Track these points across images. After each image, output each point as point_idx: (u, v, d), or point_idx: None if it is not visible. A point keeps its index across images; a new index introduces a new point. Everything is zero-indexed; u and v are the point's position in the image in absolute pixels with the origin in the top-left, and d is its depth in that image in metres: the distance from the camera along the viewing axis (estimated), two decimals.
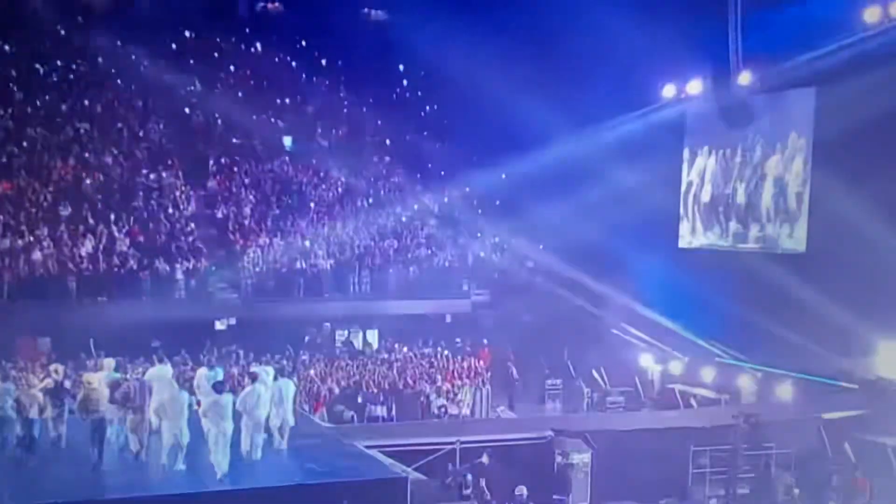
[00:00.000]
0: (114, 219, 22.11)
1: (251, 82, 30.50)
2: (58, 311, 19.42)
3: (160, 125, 26.64)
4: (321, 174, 27.35)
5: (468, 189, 28.45)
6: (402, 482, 11.72)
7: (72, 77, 27.39)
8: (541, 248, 26.01)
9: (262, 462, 12.02)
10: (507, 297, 24.05)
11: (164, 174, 24.56)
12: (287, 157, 27.54)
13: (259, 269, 22.55)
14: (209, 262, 22.15)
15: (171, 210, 23.48)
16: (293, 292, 22.51)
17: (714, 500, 15.08)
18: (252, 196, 25.38)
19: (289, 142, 28.21)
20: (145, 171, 24.37)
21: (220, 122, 27.86)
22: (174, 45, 30.18)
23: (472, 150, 26.81)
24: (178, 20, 29.96)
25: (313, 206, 25.88)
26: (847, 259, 17.96)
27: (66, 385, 12.63)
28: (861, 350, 18.29)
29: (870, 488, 15.01)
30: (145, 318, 19.40)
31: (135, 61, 28.18)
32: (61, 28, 28.82)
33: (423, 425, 17.32)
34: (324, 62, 31.73)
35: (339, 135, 29.79)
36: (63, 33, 28.87)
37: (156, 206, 23.32)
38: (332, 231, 24.85)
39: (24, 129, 24.20)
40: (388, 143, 30.10)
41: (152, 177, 24.28)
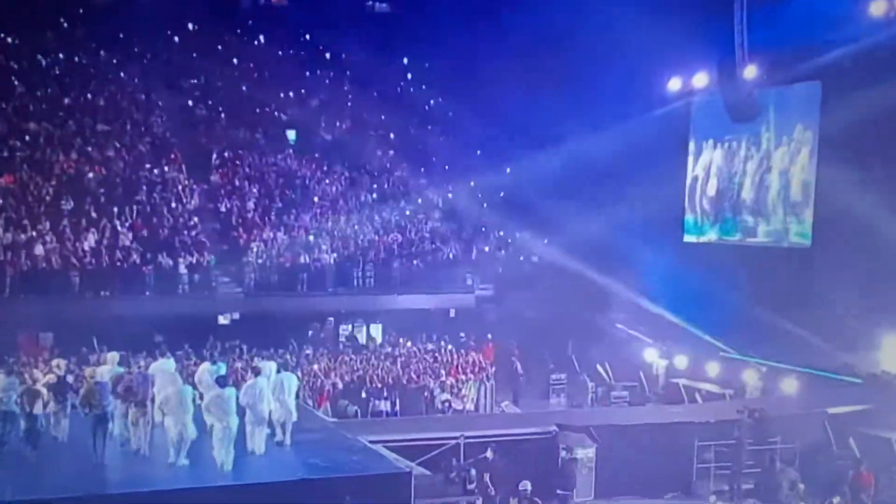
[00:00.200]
0: (116, 213, 22.07)
1: (254, 75, 30.43)
2: (60, 305, 19.38)
3: (163, 119, 26.58)
4: (325, 168, 27.29)
5: (473, 183, 28.39)
6: (405, 477, 11.66)
7: (74, 70, 27.32)
8: (545, 242, 25.95)
9: (266, 457, 11.98)
10: (512, 292, 24.00)
11: (167, 168, 24.52)
12: (291, 150, 27.49)
13: (262, 264, 22.53)
14: (211, 255, 22.12)
15: (174, 204, 23.44)
16: (297, 287, 22.49)
17: (718, 495, 14.98)
18: (255, 190, 25.34)
19: (292, 135, 28.15)
20: (148, 165, 24.32)
21: (223, 115, 27.80)
22: (177, 38, 30.12)
23: (476, 144, 26.74)
24: (181, 13, 29.85)
25: (317, 200, 25.84)
26: (852, 253, 17.87)
27: (69, 380, 12.65)
28: (866, 344, 18.22)
29: (875, 483, 14.92)
30: (148, 312, 19.41)
31: (137, 54, 28.16)
32: (64, 21, 28.76)
33: (427, 420, 17.28)
34: (327, 55, 31.63)
35: (343, 128, 29.72)
36: (66, 26, 28.82)
37: (159, 200, 23.28)
38: (335, 225, 24.83)
39: (27, 122, 24.15)
40: (392, 136, 30.03)
41: (155, 171, 24.24)
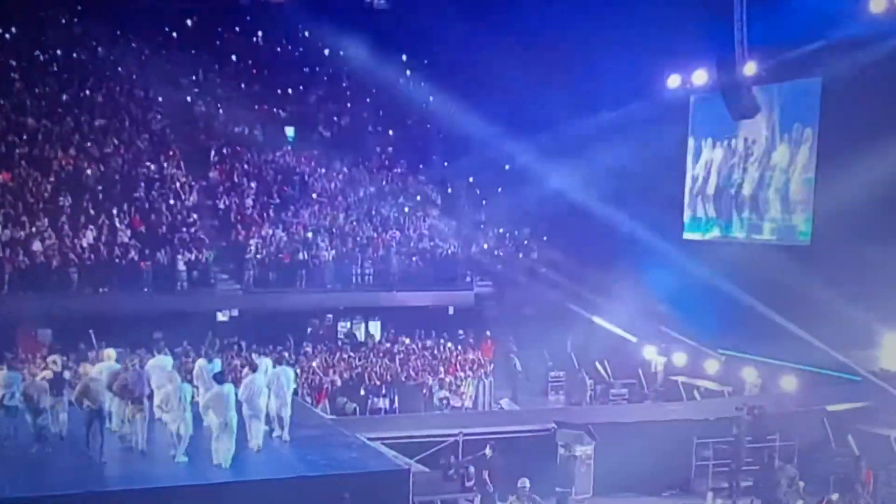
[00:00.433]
0: (115, 210, 22.02)
1: (253, 72, 30.34)
2: (59, 302, 19.32)
3: (161, 115, 26.50)
4: (323, 165, 27.23)
5: (471, 179, 28.33)
6: (404, 474, 11.69)
7: (72, 66, 27.22)
8: (545, 239, 25.92)
9: (265, 454, 11.99)
10: (511, 289, 23.97)
11: (166, 165, 24.46)
12: (289, 147, 27.42)
13: (261, 261, 22.49)
14: (210, 252, 22.08)
15: (172, 201, 23.38)
16: (295, 283, 22.45)
17: (716, 492, 14.98)
18: (254, 187, 25.28)
19: (291, 132, 28.06)
20: (146, 162, 24.25)
21: (221, 112, 27.72)
22: (175, 35, 30.01)
23: (475, 140, 26.66)
24: (179, 9, 29.75)
25: (315, 196, 25.78)
26: (852, 251, 17.83)
27: (66, 376, 12.62)
28: (865, 342, 18.21)
29: (873, 480, 14.94)
30: (147, 309, 19.38)
31: (136, 50, 28.05)
32: (62, 17, 28.65)
33: (426, 417, 17.28)
34: (326, 52, 31.53)
35: (342, 125, 29.65)
36: (63, 22, 28.71)
37: (157, 196, 23.22)
38: (334, 222, 24.78)
39: (25, 118, 24.07)
40: (391, 133, 29.96)
41: (153, 167, 24.17)
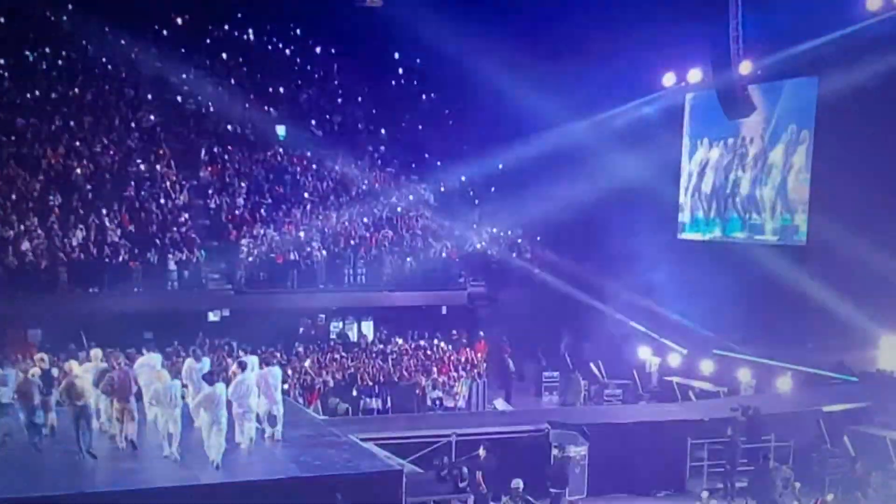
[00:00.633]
0: (105, 209, 21.80)
1: (244, 70, 30.12)
2: (48, 302, 19.13)
3: (151, 114, 26.26)
4: (315, 164, 27.05)
5: (464, 179, 28.21)
6: (397, 475, 11.56)
7: (61, 65, 26.95)
8: (538, 239, 25.82)
9: (257, 455, 11.88)
10: (504, 289, 23.87)
11: (156, 163, 24.24)
12: (280, 146, 27.23)
13: (252, 260, 22.30)
14: (201, 251, 21.89)
15: (162, 200, 23.17)
16: (287, 283, 22.28)
17: (711, 493, 14.89)
18: (245, 186, 25.08)
19: (282, 131, 27.87)
20: (137, 161, 24.03)
21: (212, 110, 27.50)
22: (165, 33, 29.77)
23: (468, 139, 26.57)
24: (169, 7, 29.52)
25: (307, 196, 25.60)
26: (848, 251, 17.77)
27: (54, 373, 12.48)
28: (861, 343, 18.18)
29: (869, 481, 14.86)
30: (137, 309, 19.20)
31: (125, 48, 27.81)
32: (50, 14, 28.37)
33: (419, 418, 17.17)
34: (318, 50, 31.36)
35: (334, 124, 29.48)
36: (53, 20, 28.43)
37: (147, 195, 23.00)
38: (326, 221, 24.61)
39: (13, 117, 23.81)
40: (383, 132, 29.81)
41: (144, 166, 23.95)
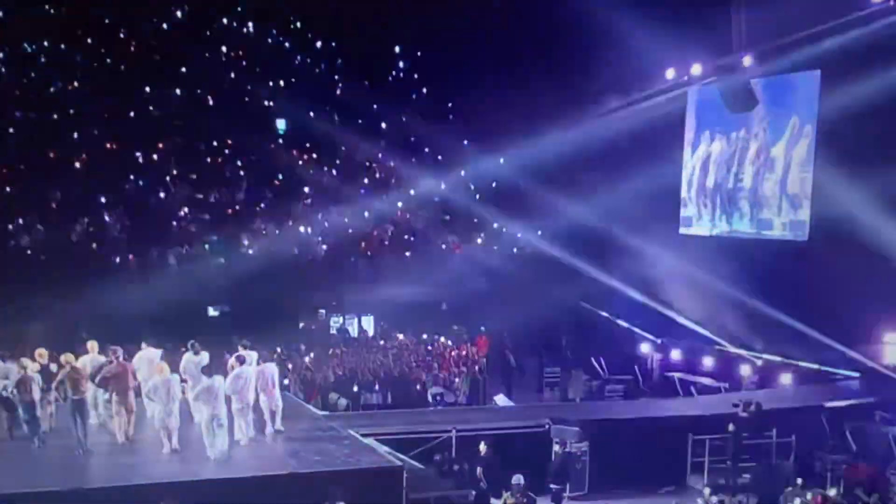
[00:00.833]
0: (105, 203, 21.74)
1: (244, 64, 30.02)
2: (48, 296, 19.08)
3: (151, 107, 26.17)
4: (315, 158, 26.97)
5: (464, 173, 28.12)
6: (397, 471, 11.55)
7: (60, 58, 26.85)
8: (539, 234, 25.74)
9: (257, 450, 11.90)
10: (505, 284, 23.77)
11: (156, 157, 24.18)
12: (280, 140, 27.15)
13: (253, 255, 22.24)
14: (202, 245, 21.85)
15: (162, 194, 23.13)
16: (287, 278, 22.22)
17: (712, 488, 14.87)
18: (245, 180, 25.02)
19: (282, 125, 27.79)
20: (137, 155, 23.96)
21: (212, 104, 27.43)
22: (165, 25, 29.65)
23: (469, 133, 26.45)
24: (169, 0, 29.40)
25: (307, 190, 25.54)
26: (851, 247, 17.67)
27: (53, 368, 12.48)
28: (863, 338, 18.10)
29: (872, 477, 14.81)
30: (137, 304, 19.12)
31: (124, 41, 27.72)
32: (49, 7, 28.25)
33: (420, 414, 17.08)
34: (318, 43, 31.24)
35: (334, 118, 29.38)
36: (51, 12, 28.31)
37: (147, 190, 22.95)
38: (326, 216, 24.54)
39: (13, 111, 23.75)
40: (384, 126, 29.71)
41: (143, 160, 23.89)
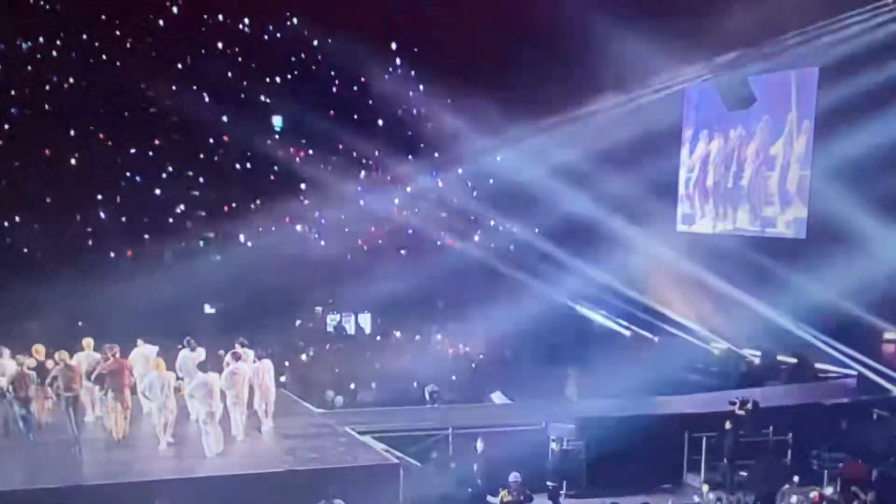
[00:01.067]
0: (100, 199, 21.65)
1: (239, 60, 29.86)
2: (43, 293, 19.01)
3: (146, 104, 26.03)
4: (311, 155, 26.89)
5: (461, 171, 28.06)
6: (394, 468, 11.59)
7: (55, 54, 26.68)
8: (536, 231, 25.70)
9: (253, 447, 11.91)
10: (502, 281, 23.72)
11: (152, 154, 24.07)
12: (276, 137, 27.06)
13: (249, 252, 22.19)
14: (197, 242, 21.79)
15: (158, 191, 23.03)
16: (284, 275, 22.15)
17: (710, 485, 14.86)
18: (241, 177, 24.93)
19: (278, 122, 27.71)
20: (132, 151, 23.85)
21: (207, 100, 27.28)
22: (161, 22, 29.48)
23: (465, 130, 26.36)
24: None
25: (303, 187, 25.47)
26: (848, 245, 17.69)
27: (49, 365, 12.47)
28: (861, 337, 18.09)
29: (869, 475, 14.82)
30: (133, 300, 19.06)
31: (120, 37, 27.55)
32: (44, 2, 28.06)
33: (416, 411, 17.04)
34: (314, 40, 31.09)
35: (330, 115, 29.27)
36: (46, 8, 28.13)
37: (143, 186, 22.86)
38: (322, 213, 24.48)
39: (7, 106, 23.60)
40: (381, 123, 29.61)
41: (139, 156, 23.78)
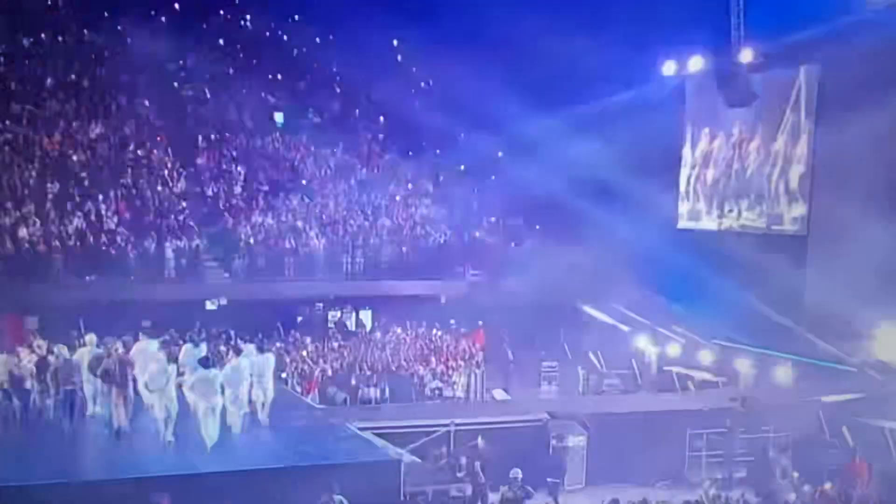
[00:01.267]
0: (101, 196, 21.66)
1: (241, 57, 29.85)
2: (45, 289, 19.01)
3: (148, 100, 26.03)
4: (313, 151, 26.88)
5: (462, 167, 28.05)
6: (395, 465, 11.62)
7: (57, 50, 26.67)
8: (537, 227, 25.72)
9: (254, 443, 11.95)
10: (503, 279, 23.75)
11: (153, 150, 24.07)
12: (278, 133, 27.05)
13: (250, 249, 22.19)
14: (198, 239, 21.78)
15: (159, 187, 23.02)
16: (285, 272, 22.17)
17: (710, 482, 14.91)
18: (242, 173, 24.92)
19: (280, 118, 27.68)
20: (133, 147, 23.85)
21: (209, 97, 27.28)
22: (163, 18, 29.47)
23: (466, 127, 26.36)
24: None
25: (305, 183, 25.46)
26: (848, 241, 17.69)
27: (50, 360, 12.52)
28: (860, 333, 18.10)
29: (868, 472, 14.87)
30: (134, 297, 19.10)
31: (122, 34, 27.55)
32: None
33: (417, 407, 17.13)
34: (316, 36, 31.07)
35: (332, 111, 29.26)
36: (48, 4, 28.13)
37: (144, 183, 22.86)
38: (324, 209, 24.48)
39: (9, 103, 23.59)
40: (382, 119, 29.60)
41: (140, 153, 23.78)
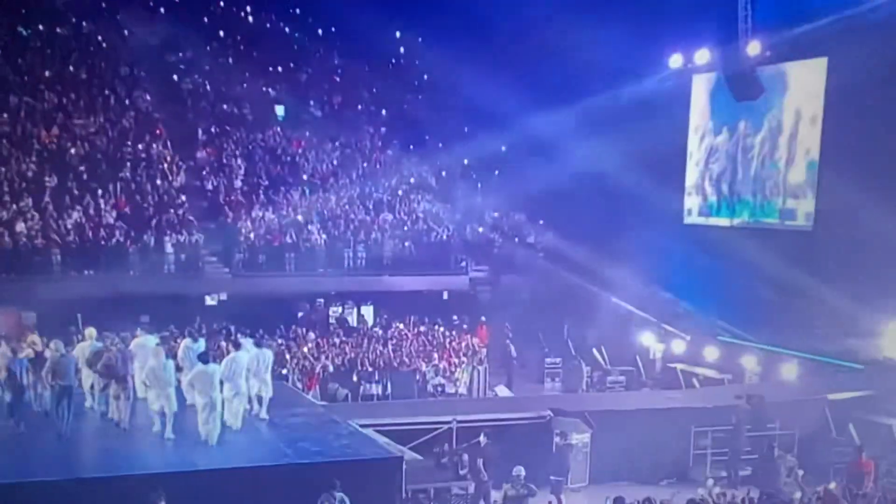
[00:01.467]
0: (100, 190, 21.50)
1: (242, 49, 29.65)
2: (43, 284, 18.88)
3: (147, 93, 25.83)
4: (314, 145, 26.70)
5: (466, 162, 27.88)
6: (397, 462, 11.54)
7: (56, 42, 26.47)
8: (541, 223, 25.57)
9: (255, 440, 11.90)
10: (506, 274, 23.64)
11: (152, 144, 23.88)
12: (279, 127, 26.86)
13: (251, 244, 22.04)
14: (198, 234, 21.62)
15: (159, 181, 22.86)
16: (285, 267, 22.05)
17: (715, 480, 14.78)
18: (243, 168, 24.75)
19: (281, 111, 27.49)
20: (132, 141, 23.67)
21: (209, 90, 27.08)
22: (162, 10, 29.26)
23: (470, 121, 26.18)
24: None
25: (306, 178, 25.30)
26: (855, 237, 17.55)
27: (47, 355, 12.39)
28: (867, 331, 17.98)
29: (874, 469, 14.73)
30: (133, 292, 19.02)
31: (121, 26, 27.35)
32: None
33: (420, 404, 17.03)
34: (318, 29, 30.88)
35: (333, 104, 29.07)
36: None
37: (143, 177, 22.69)
38: (325, 204, 24.32)
39: (6, 95, 23.40)
40: (384, 113, 29.42)
41: (140, 147, 23.60)
